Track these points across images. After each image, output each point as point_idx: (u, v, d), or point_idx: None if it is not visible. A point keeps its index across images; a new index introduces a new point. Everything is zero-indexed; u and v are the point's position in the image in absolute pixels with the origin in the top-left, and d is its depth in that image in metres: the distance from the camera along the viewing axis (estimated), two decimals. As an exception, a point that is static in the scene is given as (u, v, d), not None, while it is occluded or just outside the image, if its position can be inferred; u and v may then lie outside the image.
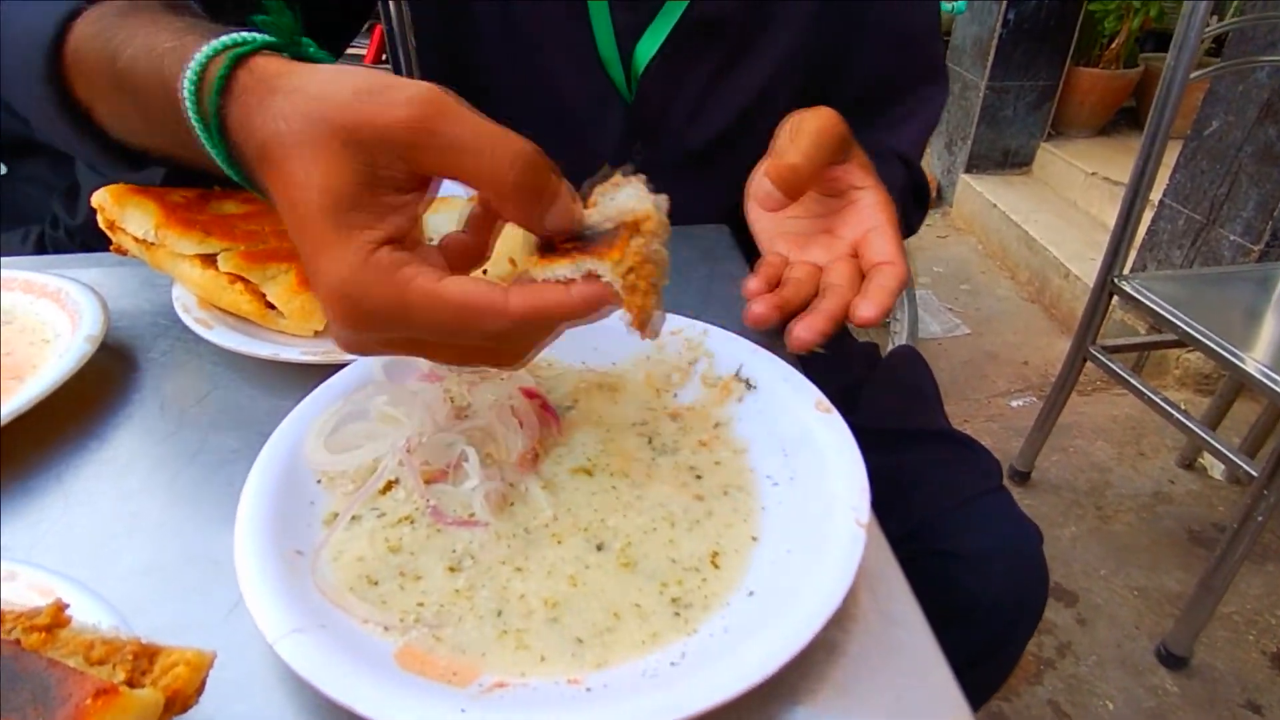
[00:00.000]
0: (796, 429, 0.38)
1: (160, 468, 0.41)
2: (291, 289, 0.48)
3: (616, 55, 0.63)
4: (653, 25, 0.61)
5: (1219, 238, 1.88)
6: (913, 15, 0.68)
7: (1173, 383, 1.95)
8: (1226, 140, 1.83)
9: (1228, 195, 1.85)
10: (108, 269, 0.58)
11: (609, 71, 0.64)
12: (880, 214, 0.46)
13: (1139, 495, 1.59)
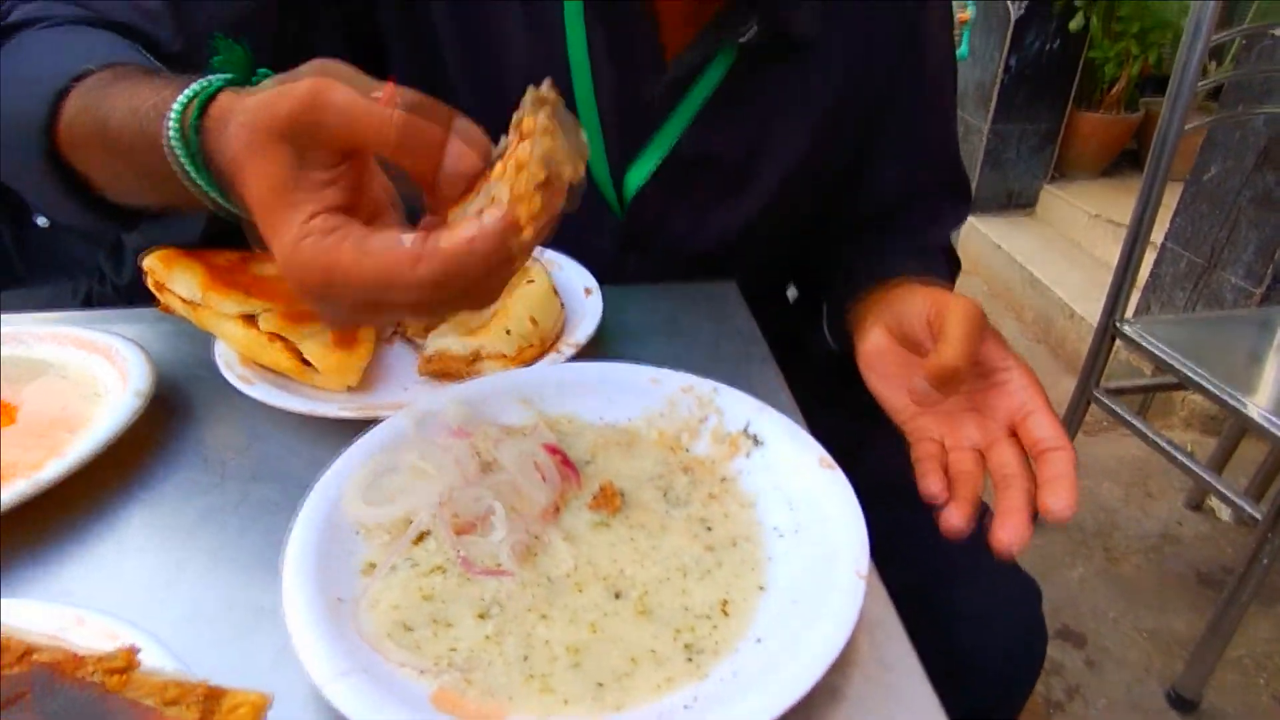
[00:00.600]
0: (801, 484, 0.41)
1: (205, 517, 0.44)
2: (326, 347, 0.52)
3: (609, 178, 0.65)
4: (642, 156, 0.64)
5: (1221, 281, 1.90)
6: (927, 132, 0.71)
7: (1179, 423, 1.96)
8: (1225, 185, 1.87)
9: (1228, 239, 1.88)
10: (151, 324, 0.62)
11: (602, 191, 0.66)
12: (1035, 395, 0.47)
13: (1147, 537, 1.60)
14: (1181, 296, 2.02)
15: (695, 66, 0.61)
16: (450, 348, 0.53)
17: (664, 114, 0.63)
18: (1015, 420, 0.46)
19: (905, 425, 0.51)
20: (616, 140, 0.64)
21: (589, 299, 0.59)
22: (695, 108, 0.63)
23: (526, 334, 0.53)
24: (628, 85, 0.62)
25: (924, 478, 0.46)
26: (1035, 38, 2.63)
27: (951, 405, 0.49)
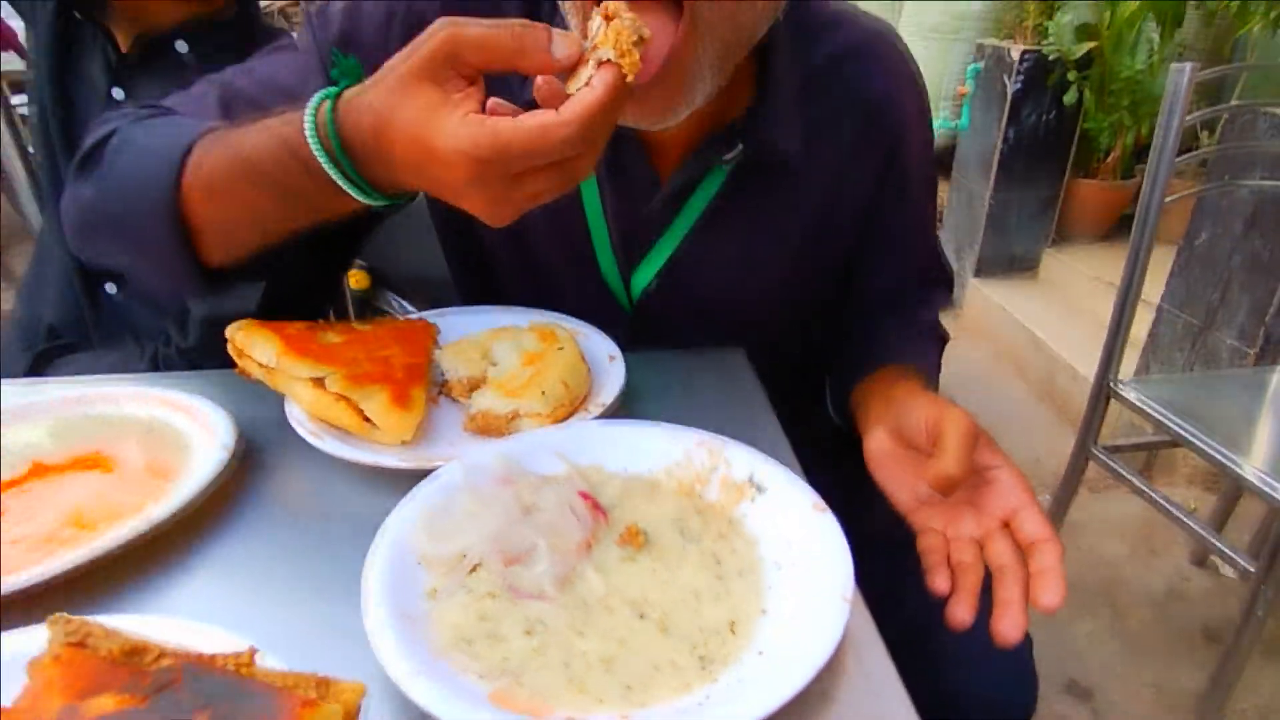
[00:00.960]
0: (797, 524, 0.48)
1: (287, 550, 0.52)
2: (385, 406, 0.60)
3: (619, 279, 0.74)
4: (646, 261, 0.73)
5: (1217, 342, 1.96)
6: (912, 237, 0.80)
7: (1182, 480, 1.99)
8: (1216, 250, 1.94)
9: (1221, 301, 1.95)
10: (224, 386, 0.70)
11: (613, 290, 0.75)
12: (1023, 492, 0.53)
13: (1153, 592, 1.63)
14: (1180, 357, 2.08)
15: (688, 185, 0.69)
16: (492, 407, 0.61)
17: (663, 225, 0.71)
18: (1007, 514, 0.53)
19: (910, 516, 0.58)
20: (622, 247, 0.72)
21: (612, 365, 0.67)
22: (692, 220, 0.71)
23: (559, 396, 0.61)
24: (627, 201, 0.70)
25: (931, 572, 0.53)
26: (1032, 110, 2.76)
27: (951, 500, 0.56)
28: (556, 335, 0.67)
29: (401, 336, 0.68)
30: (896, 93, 0.73)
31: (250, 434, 0.63)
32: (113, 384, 0.70)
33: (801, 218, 0.73)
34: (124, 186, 0.59)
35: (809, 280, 0.78)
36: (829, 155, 0.71)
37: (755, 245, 0.74)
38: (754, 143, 0.67)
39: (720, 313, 0.77)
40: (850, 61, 0.71)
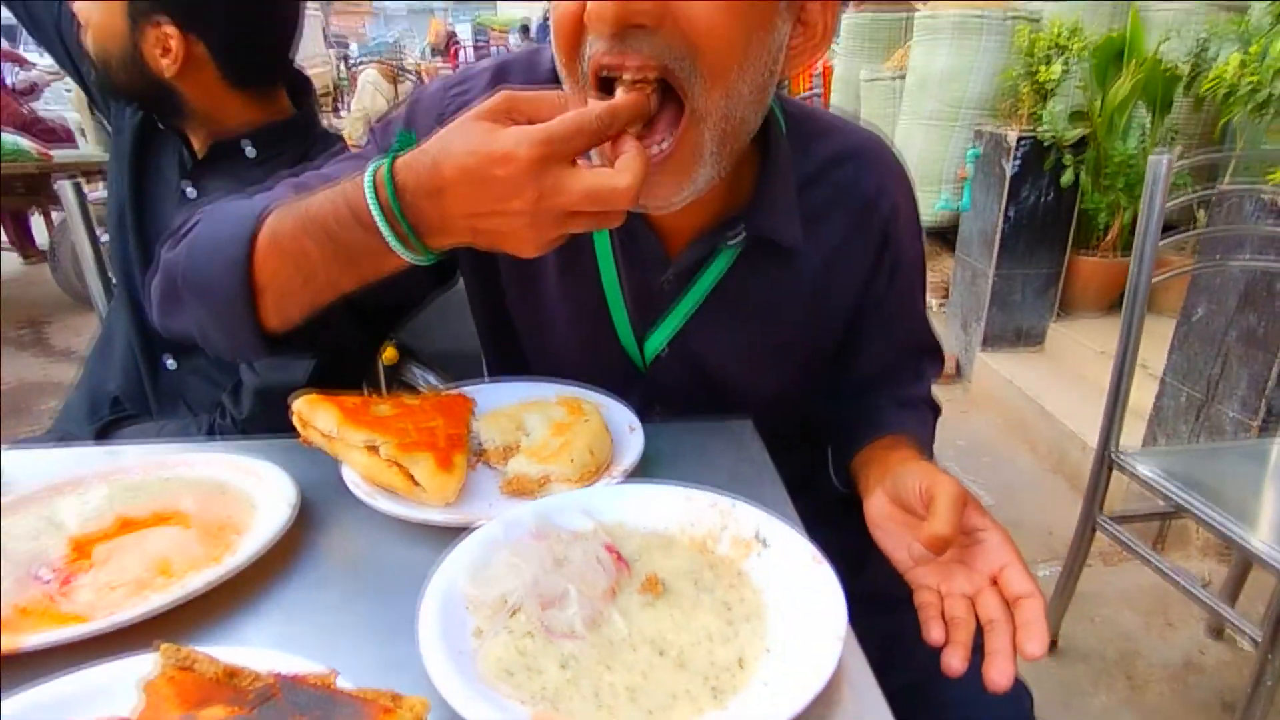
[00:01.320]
0: (798, 575, 0.54)
1: (343, 597, 0.58)
2: (432, 470, 0.67)
3: (635, 344, 0.81)
4: (658, 329, 0.80)
5: (1220, 413, 2.01)
6: (904, 317, 0.88)
7: (1196, 551, 2.00)
8: (1213, 325, 2.01)
9: (1221, 374, 2.00)
10: (282, 452, 0.77)
11: (629, 355, 0.82)
12: (1009, 552, 0.59)
13: (1169, 665, 1.63)
14: (1185, 428, 2.12)
15: (696, 263, 0.77)
16: (526, 472, 0.68)
17: (674, 298, 0.79)
18: (994, 572, 0.59)
19: (907, 574, 0.64)
20: (637, 316, 0.80)
21: (632, 434, 0.74)
22: (700, 296, 0.79)
23: (585, 462, 0.68)
24: (640, 275, 0.78)
25: (927, 624, 0.59)
26: (1030, 191, 2.88)
27: (944, 559, 0.62)
28: (582, 407, 0.75)
29: (444, 408, 0.76)
30: (888, 189, 0.81)
31: (308, 494, 0.70)
32: (186, 450, 0.78)
33: (800, 299, 0.81)
34: (207, 245, 0.68)
35: (807, 355, 0.86)
36: (826, 243, 0.79)
37: (757, 321, 0.81)
38: (756, 228, 0.75)
39: (727, 380, 0.84)
40: (846, 162, 0.80)
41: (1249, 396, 1.92)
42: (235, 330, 0.68)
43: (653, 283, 0.78)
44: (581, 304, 0.80)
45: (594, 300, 0.80)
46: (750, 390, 0.85)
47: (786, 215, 0.76)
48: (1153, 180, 1.40)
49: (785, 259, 0.78)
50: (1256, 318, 1.88)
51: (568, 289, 0.80)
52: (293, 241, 0.63)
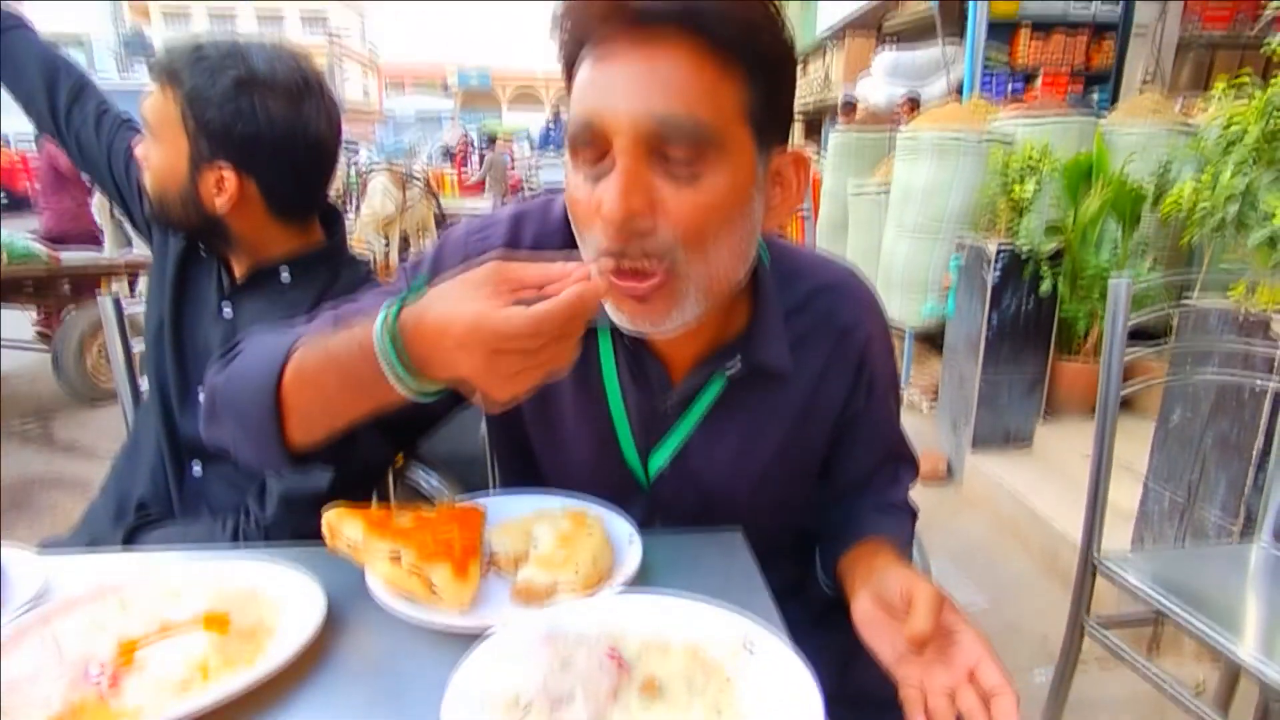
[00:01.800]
0: (780, 675, 0.60)
1: (373, 694, 0.64)
2: (449, 578, 0.73)
3: (639, 462, 0.89)
4: (660, 447, 0.88)
5: (1203, 517, 2.06)
6: (880, 429, 0.96)
7: (1190, 655, 2.02)
8: (1189, 430, 2.08)
9: (1201, 478, 2.07)
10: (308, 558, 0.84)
11: (633, 471, 0.90)
12: (982, 649, 0.66)
13: (1167, 774, 1.62)
14: (1171, 531, 2.17)
15: (695, 388, 0.86)
16: (535, 580, 0.75)
17: (675, 418, 0.87)
18: (970, 667, 0.66)
19: (892, 669, 0.71)
20: (641, 435, 0.88)
21: (631, 545, 0.81)
22: (698, 416, 0.87)
23: (589, 572, 0.75)
24: (645, 399, 0.87)
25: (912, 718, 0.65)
26: (1011, 299, 3.02)
27: (925, 657, 0.69)
28: (586, 519, 0.82)
29: (459, 519, 0.83)
30: (862, 318, 0.91)
31: (334, 600, 0.76)
32: (220, 556, 0.84)
33: (787, 418, 0.89)
34: (243, 373, 0.78)
35: (796, 468, 0.94)
36: (809, 368, 0.89)
37: (751, 439, 0.89)
38: (749, 357, 0.84)
39: (723, 492, 0.91)
40: (825, 294, 0.90)
41: (1228, 500, 1.98)
42: (264, 446, 0.78)
43: (657, 406, 0.87)
44: (591, 424, 0.88)
45: (603, 421, 0.88)
46: (744, 501, 0.92)
47: (777, 343, 0.85)
48: (1114, 301, 1.52)
49: (775, 382, 0.87)
50: (1229, 424, 1.96)
51: (579, 409, 0.88)
52: (315, 374, 0.73)
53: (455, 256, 0.87)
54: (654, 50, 0.65)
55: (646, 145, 0.66)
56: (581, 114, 0.68)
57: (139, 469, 1.25)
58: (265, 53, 1.08)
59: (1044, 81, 6.30)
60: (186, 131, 1.05)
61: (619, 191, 0.66)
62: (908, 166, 3.61)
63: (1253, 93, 1.97)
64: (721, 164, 0.68)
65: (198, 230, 1.14)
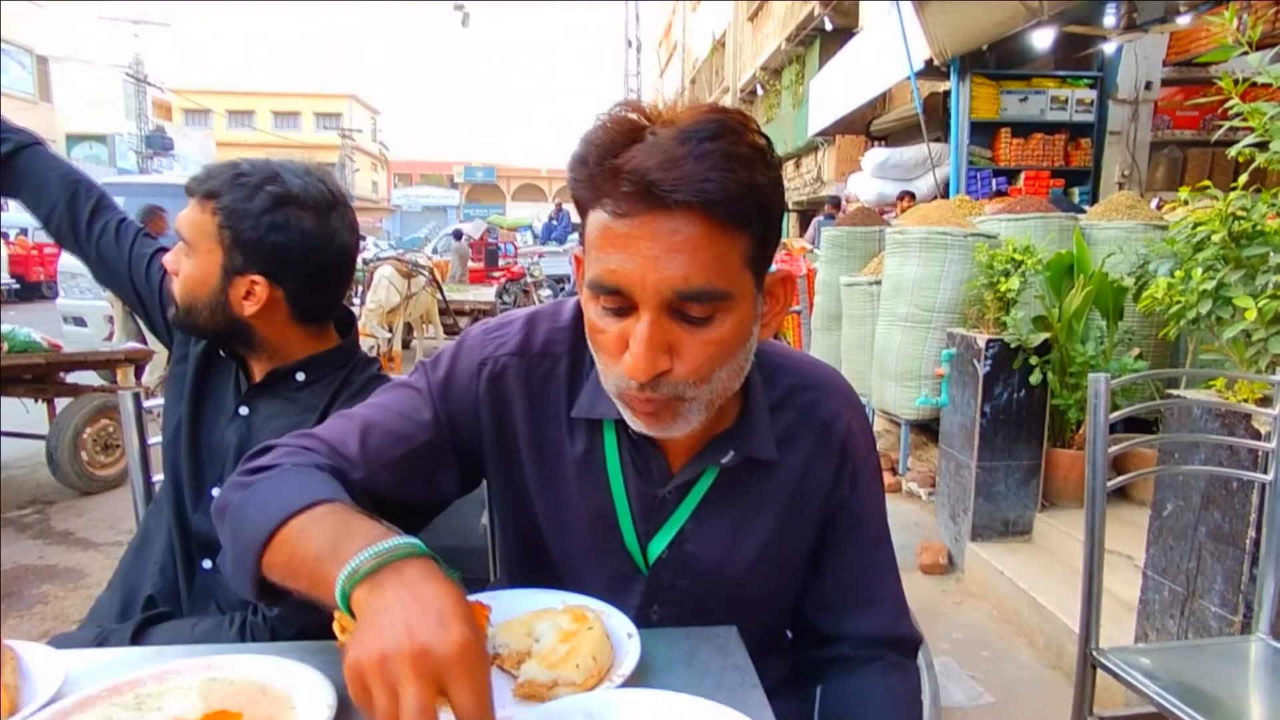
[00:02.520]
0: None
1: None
2: (454, 674, 0.76)
3: (638, 548, 0.93)
4: (659, 534, 0.92)
5: (1202, 609, 2.05)
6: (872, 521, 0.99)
7: (1201, 757, 1.97)
8: (1183, 521, 2.10)
9: (1198, 569, 2.07)
10: (316, 655, 0.86)
11: (633, 558, 0.93)
12: None
13: None
14: (1173, 624, 2.15)
15: (692, 478, 0.91)
16: (536, 677, 0.77)
17: (673, 507, 0.92)
18: None
19: None
20: (641, 523, 0.92)
21: (630, 641, 0.84)
22: (694, 505, 0.92)
23: (589, 667, 0.78)
24: (645, 488, 0.91)
25: None
26: (1003, 389, 3.08)
27: None
28: (586, 616, 0.85)
29: (464, 614, 0.86)
30: (842, 412, 0.97)
31: (344, 696, 0.78)
32: (230, 651, 0.87)
33: (777, 506, 0.94)
34: (242, 517, 0.81)
35: (785, 555, 0.97)
36: (796, 459, 0.94)
37: (742, 526, 0.94)
38: (742, 449, 0.90)
39: (717, 578, 0.94)
40: (807, 390, 0.96)
41: (1226, 592, 1.98)
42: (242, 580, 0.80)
43: (656, 494, 0.91)
44: (595, 511, 0.93)
45: (606, 508, 0.93)
46: (738, 588, 0.95)
47: (763, 435, 0.91)
48: (1094, 396, 1.57)
49: (764, 472, 0.92)
50: (1221, 516, 1.98)
51: (584, 497, 0.93)
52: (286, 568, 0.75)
53: (473, 355, 0.94)
54: (674, 225, 0.70)
55: (668, 307, 0.73)
56: (609, 277, 0.73)
57: (147, 565, 1.27)
58: (297, 172, 1.18)
59: (1026, 179, 6.58)
60: (222, 244, 1.14)
61: (644, 351, 0.73)
62: (898, 261, 3.75)
63: (1216, 197, 2.09)
64: (729, 310, 0.75)
65: (223, 334, 1.21)
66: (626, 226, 0.71)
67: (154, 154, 24.16)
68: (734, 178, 0.70)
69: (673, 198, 0.69)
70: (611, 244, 0.73)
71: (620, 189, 0.70)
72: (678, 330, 0.74)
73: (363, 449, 0.90)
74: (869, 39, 7.24)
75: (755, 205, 0.73)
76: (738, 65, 17.02)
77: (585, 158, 0.74)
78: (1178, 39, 6.35)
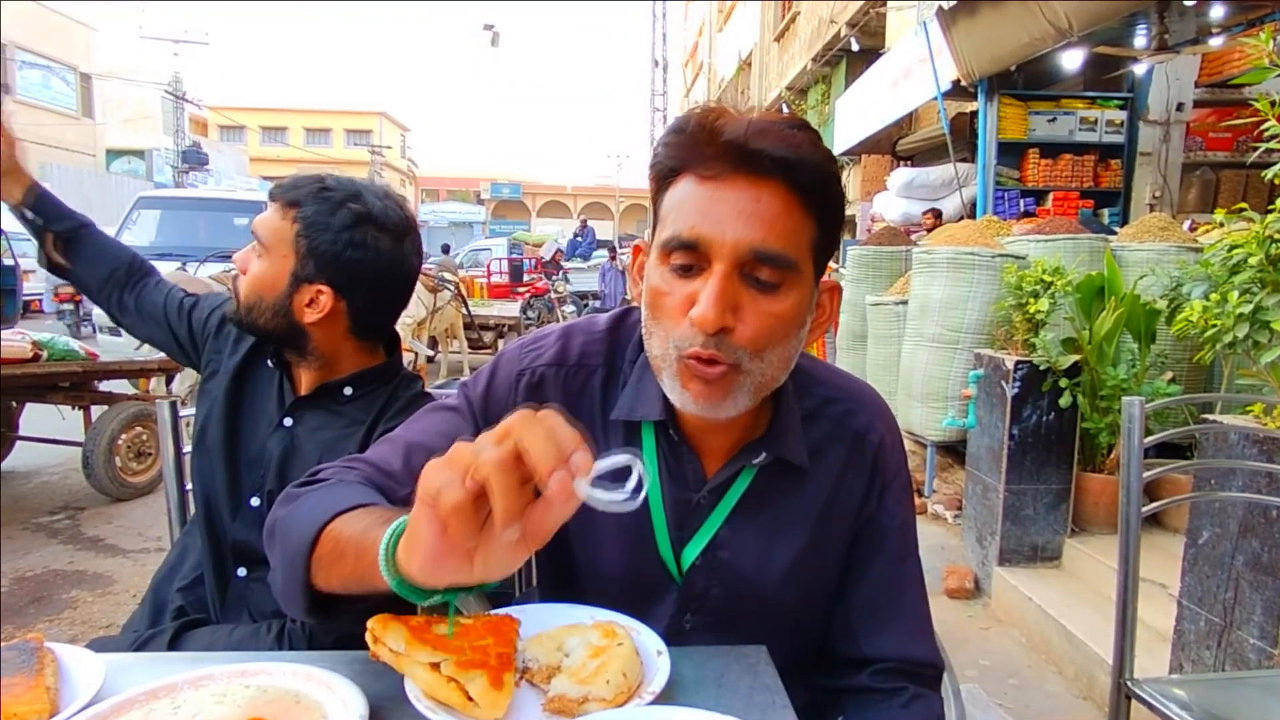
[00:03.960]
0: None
1: (407, 810, 0.66)
2: (485, 688, 0.76)
3: (672, 555, 0.94)
4: (693, 540, 0.93)
5: (1240, 640, 2.00)
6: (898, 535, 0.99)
7: (1239, 794, 1.91)
8: (1220, 550, 2.05)
9: (1235, 599, 2.02)
10: (347, 665, 0.87)
11: (666, 565, 0.95)
12: None
13: None
14: (1209, 655, 2.10)
15: (726, 481, 0.93)
16: (566, 692, 0.77)
17: (707, 512, 0.93)
18: None
19: None
20: (675, 529, 0.93)
21: (660, 658, 0.84)
22: (728, 510, 0.93)
23: (619, 684, 0.78)
24: (681, 494, 0.93)
25: None
26: (1031, 412, 3.04)
27: None
28: (616, 632, 0.85)
29: (493, 629, 0.87)
30: (875, 425, 0.98)
31: (375, 706, 0.79)
32: (264, 660, 0.88)
33: (809, 517, 0.95)
34: (290, 524, 0.83)
35: (817, 566, 0.97)
36: (828, 471, 0.95)
37: (775, 534, 0.94)
38: (774, 450, 0.91)
39: (750, 587, 0.94)
40: (840, 402, 0.98)
41: (1266, 623, 1.93)
42: (291, 592, 0.81)
43: (691, 499, 0.93)
44: (629, 519, 0.92)
45: (640, 515, 0.94)
46: (772, 600, 0.95)
47: (796, 441, 0.93)
48: (1128, 420, 1.55)
49: (796, 480, 0.94)
50: (1260, 544, 1.94)
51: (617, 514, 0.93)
52: (333, 557, 0.77)
53: (510, 368, 0.96)
54: (758, 191, 0.77)
55: (741, 264, 0.78)
56: (687, 231, 0.78)
57: (177, 579, 1.29)
58: (378, 194, 1.22)
59: (1054, 200, 6.52)
60: (296, 251, 1.17)
61: (713, 302, 0.76)
62: (924, 281, 3.73)
63: (1253, 219, 2.06)
64: (793, 286, 0.80)
65: (279, 337, 1.23)
66: (714, 188, 0.78)
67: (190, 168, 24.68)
68: (817, 157, 0.78)
69: (763, 161, 0.76)
70: (696, 203, 0.78)
71: (715, 150, 0.77)
72: (745, 294, 0.79)
73: (406, 467, 0.91)
74: (896, 59, 7.24)
75: (829, 194, 0.80)
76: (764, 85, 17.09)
77: (684, 124, 0.80)
78: (1210, 60, 6.29)
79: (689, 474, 0.92)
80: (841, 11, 10.78)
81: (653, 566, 0.95)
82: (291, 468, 1.21)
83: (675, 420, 0.91)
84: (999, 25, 5.24)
